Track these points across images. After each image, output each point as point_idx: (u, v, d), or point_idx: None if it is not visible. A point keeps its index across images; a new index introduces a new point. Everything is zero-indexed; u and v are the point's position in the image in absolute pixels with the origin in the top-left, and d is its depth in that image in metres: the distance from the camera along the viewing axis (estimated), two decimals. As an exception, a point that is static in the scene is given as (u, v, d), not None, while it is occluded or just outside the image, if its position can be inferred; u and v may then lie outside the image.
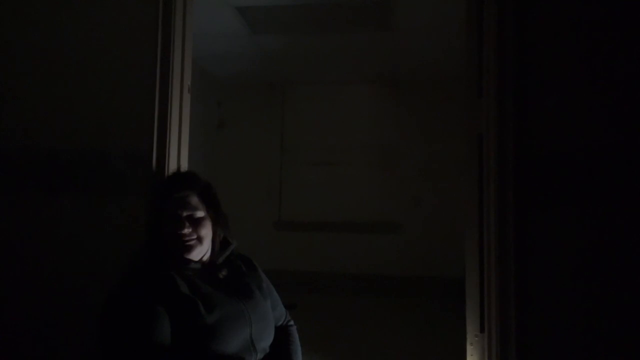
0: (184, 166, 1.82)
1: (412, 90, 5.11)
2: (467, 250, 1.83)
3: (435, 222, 4.90)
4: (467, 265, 1.82)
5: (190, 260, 1.32)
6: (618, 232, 1.54)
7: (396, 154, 5.16)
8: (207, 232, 1.35)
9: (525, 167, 1.58)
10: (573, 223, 1.56)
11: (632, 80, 1.56)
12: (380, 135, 5.20)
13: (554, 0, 1.61)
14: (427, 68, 4.69)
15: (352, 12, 3.46)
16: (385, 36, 3.93)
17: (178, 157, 1.79)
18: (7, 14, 1.81)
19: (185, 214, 1.32)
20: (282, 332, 1.45)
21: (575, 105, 1.58)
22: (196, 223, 1.33)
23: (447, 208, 4.76)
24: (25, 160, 1.76)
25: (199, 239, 1.33)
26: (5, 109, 1.79)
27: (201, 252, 1.34)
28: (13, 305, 1.73)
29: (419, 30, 3.77)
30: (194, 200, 1.35)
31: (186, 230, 1.30)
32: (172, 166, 1.73)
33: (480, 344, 1.74)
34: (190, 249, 1.31)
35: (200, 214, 1.34)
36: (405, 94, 5.14)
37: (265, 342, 1.33)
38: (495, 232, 1.61)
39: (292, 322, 1.53)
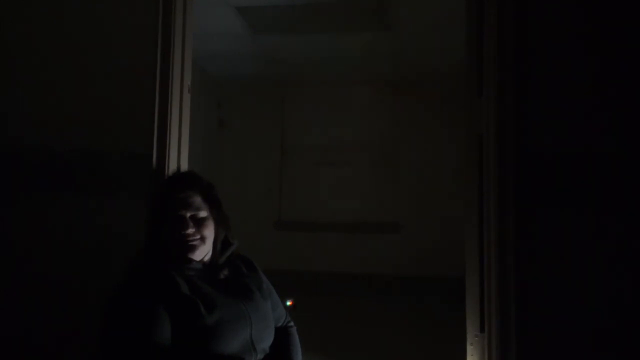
0: (184, 166, 1.82)
1: (412, 90, 5.11)
2: (467, 250, 1.83)
3: (435, 222, 4.90)
4: (467, 265, 1.82)
5: (192, 260, 1.31)
6: (618, 232, 1.54)
7: (396, 154, 5.16)
8: (210, 232, 1.35)
9: (525, 167, 1.58)
10: (573, 223, 1.56)
11: (633, 80, 1.56)
12: (381, 136, 5.19)
13: (554, 0, 1.61)
14: (427, 68, 4.69)
15: (352, 12, 3.46)
16: (385, 36, 3.93)
17: (178, 157, 1.79)
18: (7, 15, 1.81)
19: (188, 214, 1.32)
20: (282, 333, 1.45)
21: (575, 105, 1.58)
22: (199, 223, 1.33)
23: (447, 208, 4.76)
24: (25, 160, 1.76)
25: (202, 239, 1.32)
26: (6, 109, 1.79)
27: (204, 252, 1.34)
28: (12, 304, 1.73)
29: (419, 30, 3.77)
30: (197, 200, 1.35)
31: (190, 230, 1.30)
32: (172, 166, 1.73)
33: (480, 344, 1.73)
34: (193, 248, 1.31)
35: (203, 213, 1.34)
36: (405, 94, 5.14)
37: (265, 342, 1.33)
38: (495, 232, 1.61)
39: (292, 323, 1.53)
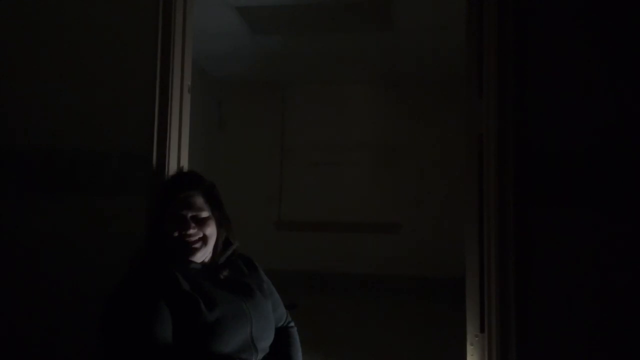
0: (184, 166, 1.82)
1: (412, 90, 5.11)
2: (467, 250, 1.83)
3: (435, 222, 4.90)
4: (467, 265, 1.82)
5: (192, 261, 1.31)
6: (618, 232, 1.54)
7: (396, 154, 5.16)
8: (212, 232, 1.34)
9: (525, 167, 1.58)
10: (573, 223, 1.56)
11: (633, 80, 1.56)
12: (381, 135, 5.20)
13: (554, 0, 1.61)
14: (427, 68, 4.69)
15: (352, 12, 3.46)
16: (385, 36, 3.93)
17: (178, 157, 1.78)
18: (7, 14, 1.81)
19: (190, 214, 1.32)
20: (282, 333, 1.45)
21: (575, 105, 1.58)
22: (201, 223, 1.32)
23: (447, 208, 4.76)
24: (25, 160, 1.75)
25: (204, 240, 1.32)
26: (5, 109, 1.79)
27: (204, 254, 1.34)
28: (13, 304, 1.73)
29: (419, 30, 3.77)
30: (199, 200, 1.34)
31: (191, 231, 1.30)
32: (172, 166, 1.73)
33: (480, 344, 1.73)
34: (194, 251, 1.31)
35: (205, 214, 1.34)
36: (405, 94, 5.14)
37: (265, 342, 1.33)
38: (495, 232, 1.61)
39: (292, 324, 1.53)
